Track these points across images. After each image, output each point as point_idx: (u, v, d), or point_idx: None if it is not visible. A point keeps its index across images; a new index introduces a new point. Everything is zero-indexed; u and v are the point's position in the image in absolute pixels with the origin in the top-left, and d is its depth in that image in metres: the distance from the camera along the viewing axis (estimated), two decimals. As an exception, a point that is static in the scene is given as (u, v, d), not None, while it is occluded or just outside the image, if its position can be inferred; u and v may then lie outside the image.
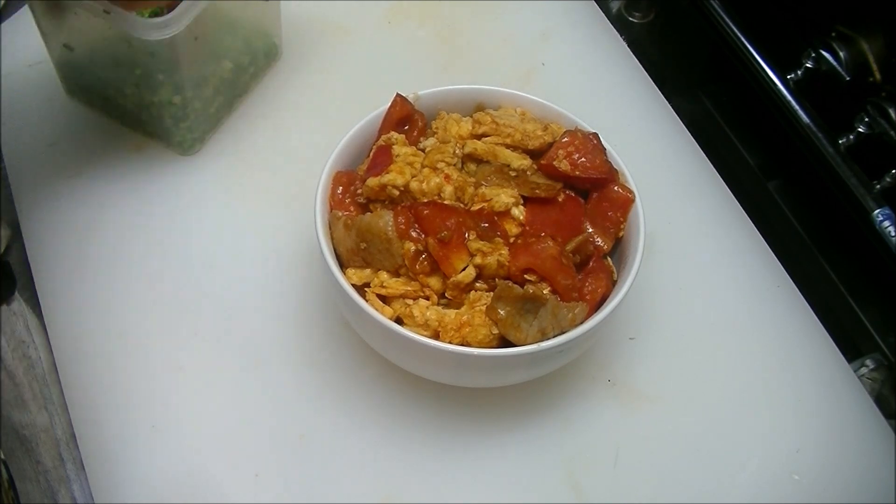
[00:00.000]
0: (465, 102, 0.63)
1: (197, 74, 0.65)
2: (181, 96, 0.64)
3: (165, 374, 0.60)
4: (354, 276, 0.56)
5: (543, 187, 0.57)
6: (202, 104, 0.67)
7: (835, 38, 0.72)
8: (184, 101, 0.65)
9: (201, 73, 0.66)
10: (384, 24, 0.79)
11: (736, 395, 0.62)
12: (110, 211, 0.66)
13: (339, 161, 0.59)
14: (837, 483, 0.59)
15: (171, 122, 0.66)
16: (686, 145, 0.74)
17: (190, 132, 0.68)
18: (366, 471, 0.57)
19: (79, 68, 0.68)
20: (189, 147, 0.69)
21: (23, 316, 0.61)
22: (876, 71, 0.69)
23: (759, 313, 0.65)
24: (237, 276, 0.64)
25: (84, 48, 0.65)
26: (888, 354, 0.69)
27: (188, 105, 0.65)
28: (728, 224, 0.70)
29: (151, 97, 0.65)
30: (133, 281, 0.63)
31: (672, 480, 0.58)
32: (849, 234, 0.71)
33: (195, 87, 0.65)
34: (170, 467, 0.57)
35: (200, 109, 0.67)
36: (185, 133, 0.68)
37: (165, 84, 0.63)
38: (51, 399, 0.59)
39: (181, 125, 0.67)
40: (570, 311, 0.53)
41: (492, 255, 0.53)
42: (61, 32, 0.65)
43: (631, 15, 0.90)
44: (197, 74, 0.65)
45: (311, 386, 0.60)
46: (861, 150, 0.70)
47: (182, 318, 0.62)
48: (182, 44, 0.60)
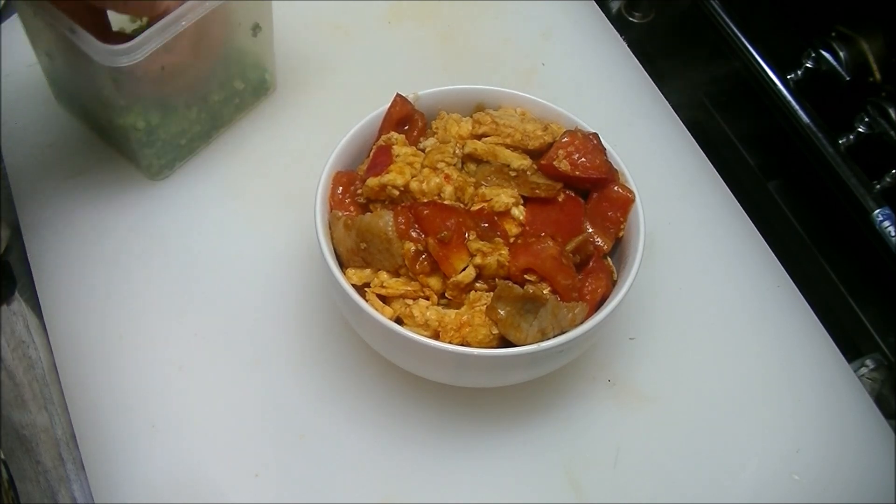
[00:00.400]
0: (465, 102, 0.63)
1: (165, 103, 0.63)
2: (146, 123, 0.63)
3: (165, 374, 0.60)
4: (354, 276, 0.56)
5: (543, 187, 0.57)
6: (171, 134, 0.65)
7: (835, 38, 0.72)
8: (149, 128, 0.63)
9: (171, 102, 0.64)
10: (384, 24, 0.79)
11: (736, 395, 0.62)
12: (110, 211, 0.66)
13: (339, 161, 0.59)
14: (837, 483, 0.59)
15: (136, 147, 0.65)
16: (686, 145, 0.74)
17: (157, 158, 0.66)
18: (366, 471, 0.57)
19: (61, 77, 0.68)
20: (156, 173, 0.67)
21: (23, 316, 0.61)
22: (876, 71, 0.70)
23: (759, 313, 0.65)
24: (237, 276, 0.64)
25: (61, 59, 0.65)
26: (888, 354, 0.69)
27: (153, 133, 0.64)
28: (728, 224, 0.70)
29: (117, 119, 0.63)
30: (133, 281, 0.63)
31: (672, 480, 0.58)
32: (849, 234, 0.71)
33: (162, 115, 0.64)
34: (170, 467, 0.57)
35: (168, 139, 0.66)
36: (152, 159, 0.66)
37: (129, 109, 0.62)
38: (51, 399, 0.59)
39: (146, 151, 0.65)
40: (570, 311, 0.53)
41: (492, 255, 0.53)
42: (42, 41, 0.64)
43: (631, 15, 0.90)
44: (165, 103, 0.63)
45: (311, 386, 0.60)
46: (861, 150, 0.70)
47: (182, 318, 0.62)
48: (145, 73, 0.59)
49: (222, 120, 0.70)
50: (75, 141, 0.69)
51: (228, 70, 0.67)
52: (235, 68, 0.68)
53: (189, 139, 0.68)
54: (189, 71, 0.63)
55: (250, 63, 0.69)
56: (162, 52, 0.59)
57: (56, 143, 0.69)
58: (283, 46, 0.74)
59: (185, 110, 0.66)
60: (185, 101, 0.65)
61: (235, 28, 0.65)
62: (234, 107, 0.70)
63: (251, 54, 0.69)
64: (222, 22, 0.63)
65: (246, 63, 0.69)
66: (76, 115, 0.70)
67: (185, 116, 0.66)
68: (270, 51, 0.70)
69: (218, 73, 0.67)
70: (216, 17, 0.62)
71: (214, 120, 0.69)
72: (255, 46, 0.68)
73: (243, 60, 0.68)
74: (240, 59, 0.68)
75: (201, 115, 0.67)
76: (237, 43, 0.67)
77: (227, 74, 0.68)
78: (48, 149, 0.69)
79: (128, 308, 0.62)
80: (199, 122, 0.68)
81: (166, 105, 0.64)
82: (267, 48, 0.69)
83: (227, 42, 0.66)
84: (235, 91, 0.69)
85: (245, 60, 0.68)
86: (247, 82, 0.69)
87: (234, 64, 0.68)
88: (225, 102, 0.69)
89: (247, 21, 0.66)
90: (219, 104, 0.68)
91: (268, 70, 0.71)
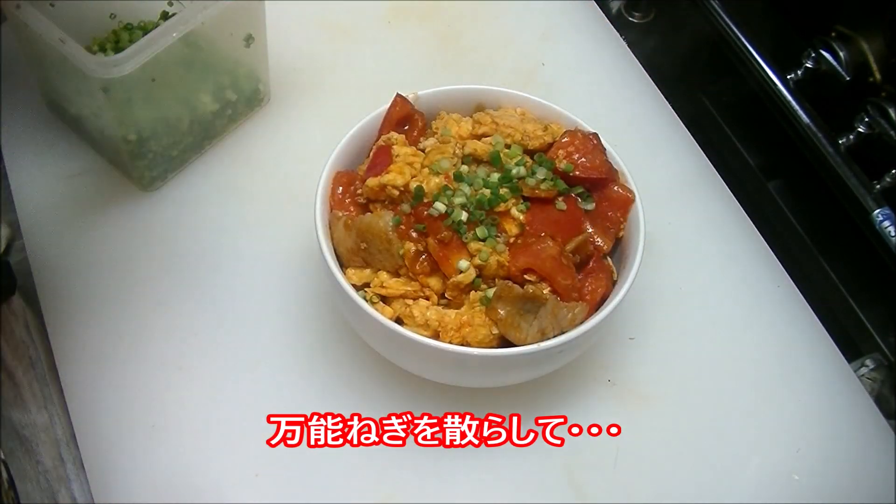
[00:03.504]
0: (465, 102, 0.63)
1: (156, 115, 0.63)
2: (137, 135, 0.62)
3: (165, 374, 0.60)
4: (354, 276, 0.56)
5: (543, 187, 0.57)
6: (162, 146, 0.65)
7: (835, 38, 0.72)
8: (140, 140, 0.63)
9: (162, 114, 0.63)
10: (384, 24, 0.79)
11: (736, 395, 0.62)
12: (110, 211, 0.66)
13: (339, 161, 0.59)
14: (837, 483, 0.59)
15: (128, 158, 0.64)
16: (686, 145, 0.74)
17: (148, 170, 0.66)
18: (366, 471, 0.57)
19: (52, 87, 0.67)
20: (148, 184, 0.67)
21: (23, 316, 0.61)
22: (876, 71, 0.70)
23: (759, 313, 0.65)
24: (237, 276, 0.64)
25: (52, 70, 0.64)
26: (888, 354, 0.69)
27: (145, 145, 0.63)
28: (728, 224, 0.70)
29: (108, 131, 0.63)
30: (133, 281, 0.63)
31: (672, 480, 0.58)
32: (849, 234, 0.71)
33: (154, 127, 0.63)
34: (170, 467, 0.57)
35: (160, 151, 0.65)
36: (144, 171, 0.65)
37: (120, 121, 0.61)
38: (51, 399, 0.59)
39: (138, 163, 0.65)
40: (570, 311, 0.53)
41: (492, 255, 0.53)
42: (33, 50, 0.64)
43: (631, 15, 0.90)
44: (156, 115, 0.63)
45: (311, 386, 0.60)
46: (861, 150, 0.70)
47: (182, 318, 0.62)
48: (136, 84, 0.59)
49: (215, 131, 0.69)
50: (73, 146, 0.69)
51: (221, 81, 0.67)
52: (228, 79, 0.67)
53: (181, 150, 0.67)
54: (181, 82, 0.63)
55: (243, 74, 0.69)
56: (153, 63, 0.58)
57: (57, 143, 0.69)
58: (282, 47, 0.74)
59: (176, 122, 0.65)
60: (176, 113, 0.65)
61: (227, 39, 0.65)
62: (227, 118, 0.70)
63: (244, 65, 0.68)
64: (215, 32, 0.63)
65: (238, 74, 0.68)
66: (69, 126, 0.69)
67: (177, 128, 0.66)
68: (264, 61, 0.70)
69: (210, 85, 0.66)
70: (208, 27, 0.61)
71: (207, 131, 0.69)
72: (247, 57, 0.68)
73: (236, 71, 0.68)
74: (232, 70, 0.67)
75: (193, 127, 0.67)
76: (230, 54, 0.66)
77: (220, 86, 0.67)
78: (49, 149, 0.69)
79: (128, 308, 0.62)
80: (191, 134, 0.67)
81: (157, 117, 0.63)
82: (260, 59, 0.69)
83: (219, 53, 0.65)
84: (228, 102, 0.68)
85: (238, 71, 0.68)
86: (240, 93, 0.69)
87: (226, 75, 0.67)
88: (218, 114, 0.68)
89: (239, 32, 0.65)
90: (211, 115, 0.68)
91: (261, 80, 0.71)
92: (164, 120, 0.64)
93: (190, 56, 0.62)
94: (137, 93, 0.60)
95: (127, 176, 0.67)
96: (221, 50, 0.65)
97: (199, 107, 0.66)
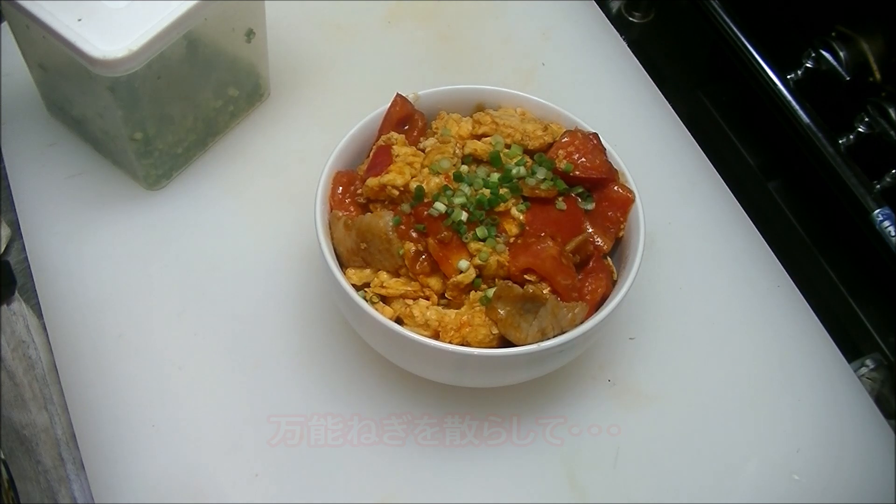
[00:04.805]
0: (465, 102, 0.63)
1: (161, 113, 0.63)
2: (143, 134, 0.62)
3: (165, 374, 0.60)
4: (354, 276, 0.56)
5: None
6: (167, 144, 0.65)
7: (835, 38, 0.72)
8: (146, 139, 0.63)
9: (167, 112, 0.63)
10: (384, 24, 0.79)
11: (736, 394, 0.62)
12: (111, 211, 0.66)
13: (339, 161, 0.59)
14: (837, 483, 0.59)
15: (133, 157, 0.64)
16: (686, 145, 0.74)
17: (154, 169, 0.66)
18: (366, 471, 0.57)
19: (54, 88, 0.67)
20: (154, 183, 0.67)
21: (23, 316, 0.61)
22: (876, 71, 0.70)
23: (759, 313, 0.65)
24: (237, 276, 0.64)
25: (55, 71, 0.64)
26: (888, 354, 0.69)
27: (150, 143, 0.63)
28: (728, 224, 0.70)
29: (114, 130, 0.63)
30: (133, 281, 0.63)
31: (672, 480, 0.58)
32: (849, 234, 0.71)
33: (159, 125, 0.63)
34: (170, 467, 0.57)
35: (165, 149, 0.65)
36: (149, 169, 0.65)
37: (127, 120, 0.61)
38: (51, 399, 0.59)
39: (143, 162, 0.65)
40: (570, 311, 0.53)
41: (492, 255, 0.53)
42: (35, 53, 0.64)
43: (631, 15, 0.91)
44: (161, 113, 0.63)
45: (312, 386, 0.60)
46: (861, 150, 0.70)
47: (182, 318, 0.62)
48: (142, 82, 0.59)
49: (217, 128, 0.69)
50: (73, 146, 0.69)
51: (223, 77, 0.67)
52: (229, 75, 0.68)
53: (185, 148, 0.67)
54: (185, 79, 0.63)
55: (244, 69, 0.69)
56: (158, 60, 0.59)
57: (57, 143, 0.69)
58: (282, 47, 0.74)
59: (180, 119, 0.65)
60: (180, 110, 0.65)
61: (229, 34, 0.65)
62: (229, 114, 0.70)
63: (245, 60, 0.68)
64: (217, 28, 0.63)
65: (239, 69, 0.68)
66: (70, 127, 0.69)
67: (181, 125, 0.66)
68: (264, 57, 0.70)
69: (213, 81, 0.66)
70: (211, 23, 0.61)
71: (209, 128, 0.69)
72: (248, 52, 0.68)
73: (237, 67, 0.68)
74: (234, 66, 0.68)
75: (197, 124, 0.67)
76: (231, 49, 0.66)
77: (222, 81, 0.67)
78: (49, 149, 0.69)
79: (127, 308, 0.62)
80: (194, 131, 0.67)
81: (162, 115, 0.63)
82: (261, 54, 0.69)
83: (221, 49, 0.65)
84: (230, 98, 0.68)
85: (239, 66, 0.68)
86: (241, 89, 0.69)
87: (228, 71, 0.67)
88: (220, 110, 0.68)
89: (241, 27, 0.65)
90: (214, 112, 0.68)
91: (261, 76, 0.71)
92: (170, 117, 0.64)
93: (193, 52, 0.62)
94: (143, 91, 0.60)
95: (131, 175, 0.67)
96: (223, 45, 0.65)
97: (202, 103, 0.66)
